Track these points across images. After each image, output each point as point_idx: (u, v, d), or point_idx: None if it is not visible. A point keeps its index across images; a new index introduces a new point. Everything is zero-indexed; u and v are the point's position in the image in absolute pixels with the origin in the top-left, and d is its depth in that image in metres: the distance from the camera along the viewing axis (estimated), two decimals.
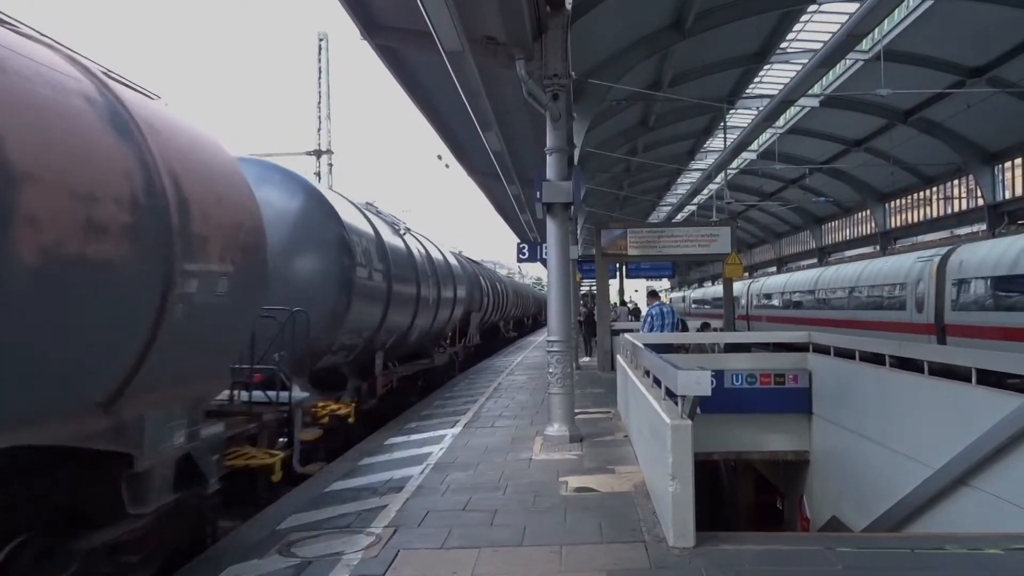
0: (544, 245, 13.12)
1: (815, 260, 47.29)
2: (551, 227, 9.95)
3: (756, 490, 14.92)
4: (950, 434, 7.59)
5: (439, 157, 28.83)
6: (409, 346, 14.25)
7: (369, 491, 7.18)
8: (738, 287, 35.27)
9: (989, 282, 15.68)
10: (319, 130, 44.63)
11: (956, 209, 34.48)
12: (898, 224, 39.89)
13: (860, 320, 22.10)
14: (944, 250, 18.11)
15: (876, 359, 9.63)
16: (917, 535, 7.49)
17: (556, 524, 5.98)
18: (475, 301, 22.31)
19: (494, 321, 29.78)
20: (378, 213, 13.36)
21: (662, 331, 13.79)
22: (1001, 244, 16.25)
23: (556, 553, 5.24)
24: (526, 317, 47.83)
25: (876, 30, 21.43)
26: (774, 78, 26.50)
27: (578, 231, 25.87)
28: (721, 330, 19.14)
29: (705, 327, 18.57)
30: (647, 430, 6.97)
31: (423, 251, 15.07)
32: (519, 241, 20.09)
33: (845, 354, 10.62)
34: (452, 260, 19.09)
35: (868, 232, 42.99)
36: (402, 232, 13.96)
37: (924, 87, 23.86)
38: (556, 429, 9.31)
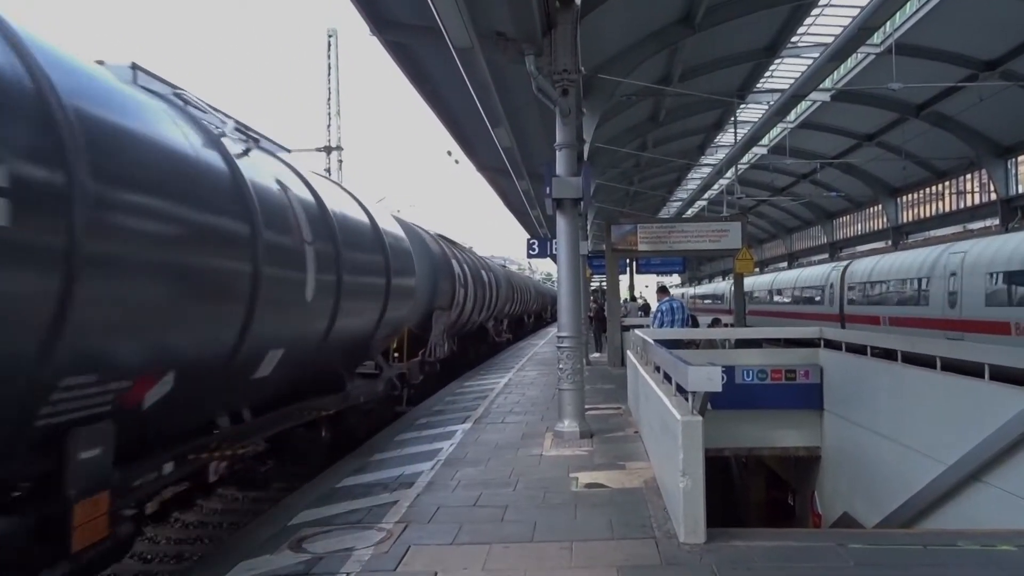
0: (554, 241, 13.13)
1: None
2: (561, 223, 9.93)
3: (767, 486, 14.90)
4: (963, 430, 7.56)
5: (449, 153, 28.88)
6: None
7: (380, 487, 7.20)
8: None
9: (867, 286, 24.19)
10: (328, 126, 44.80)
11: (969, 203, 34.25)
12: (910, 219, 39.65)
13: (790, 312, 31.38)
14: (844, 264, 26.53)
15: (888, 354, 9.59)
16: (929, 531, 7.45)
17: (566, 520, 5.98)
18: (442, 295, 16.70)
19: (479, 321, 23.19)
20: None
21: (672, 327, 13.76)
22: (871, 261, 25.07)
23: (566, 549, 5.24)
24: (526, 315, 40.21)
25: (887, 23, 21.27)
26: (785, 72, 26.37)
27: (588, 227, 25.86)
28: (732, 326, 19.10)
29: (716, 323, 18.52)
30: (658, 426, 6.96)
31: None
32: (529, 237, 20.07)
33: (856, 349, 10.58)
34: (387, 226, 10.89)
35: (880, 227, 42.76)
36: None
37: (936, 81, 23.71)
38: (567, 425, 9.31)
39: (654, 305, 17.98)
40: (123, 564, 7.78)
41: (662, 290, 15.75)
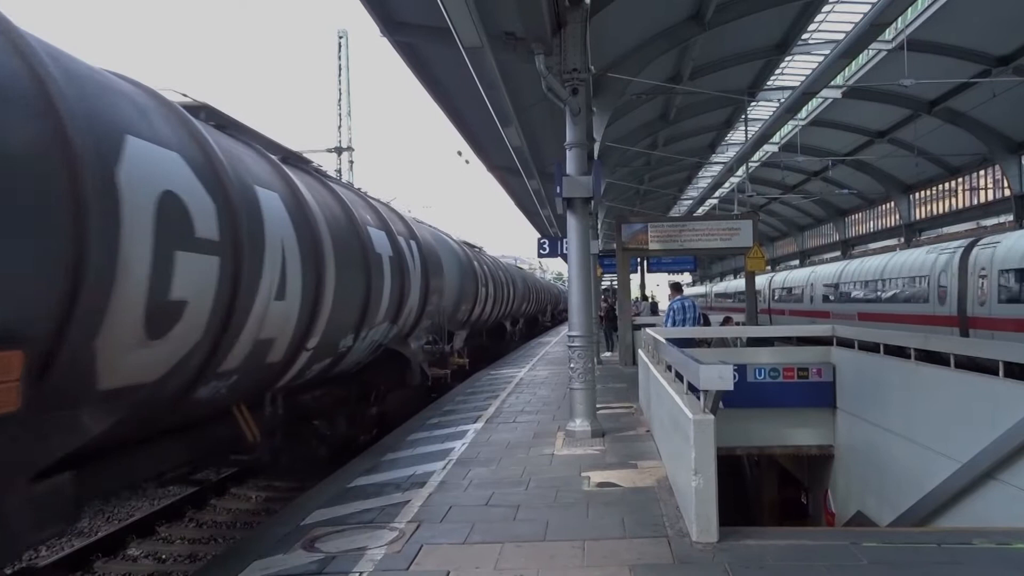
0: (565, 240, 13.11)
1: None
2: (571, 222, 9.92)
3: (780, 485, 14.84)
4: (977, 428, 7.52)
5: (459, 153, 29.05)
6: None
7: (392, 486, 7.21)
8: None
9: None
10: (339, 127, 44.88)
11: (982, 200, 34.02)
12: (923, 216, 39.42)
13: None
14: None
15: (901, 352, 9.54)
16: (944, 529, 7.41)
17: (579, 519, 5.98)
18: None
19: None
20: None
21: (685, 325, 13.73)
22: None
23: (579, 548, 5.24)
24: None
25: (899, 19, 21.17)
26: (796, 70, 26.26)
27: (599, 226, 25.83)
28: (743, 324, 19.03)
29: (727, 321, 18.46)
30: (669, 425, 6.95)
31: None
32: (540, 236, 20.09)
33: (869, 347, 10.53)
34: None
35: (893, 224, 42.53)
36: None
37: (949, 77, 23.56)
38: (578, 424, 9.30)
39: (663, 303, 18.02)
40: (138, 564, 7.85)
41: (675, 287, 15.71)
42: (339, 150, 44.53)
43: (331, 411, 9.42)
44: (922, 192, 39.11)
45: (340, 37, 46.74)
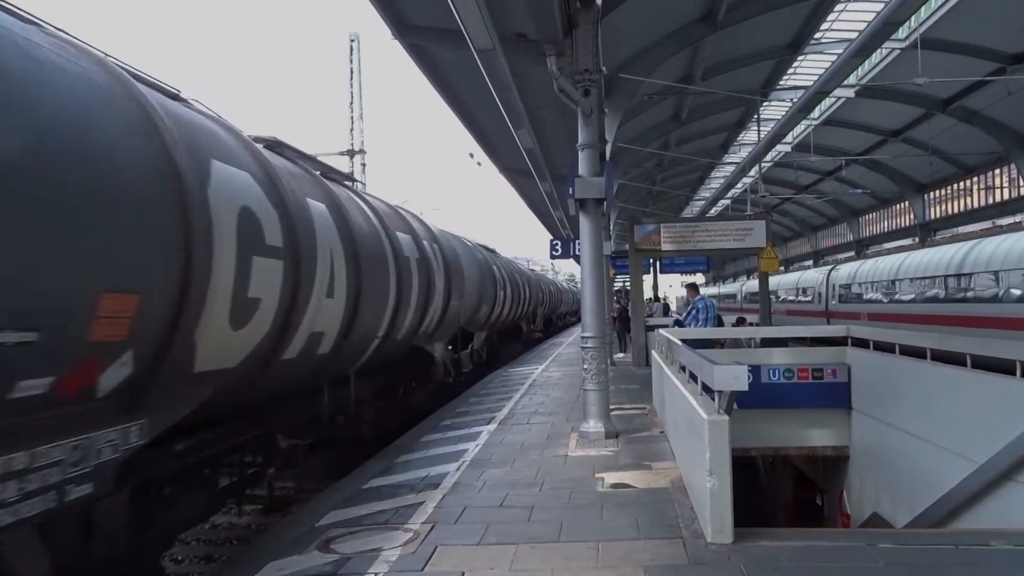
0: (577, 241, 13.10)
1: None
2: (584, 223, 9.92)
3: (794, 486, 14.78)
4: (994, 428, 7.46)
5: (471, 155, 29.00)
6: None
7: (406, 488, 7.23)
8: None
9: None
10: (351, 130, 45.04)
11: (998, 199, 33.76)
12: (938, 215, 39.17)
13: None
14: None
15: (917, 353, 9.48)
16: (961, 531, 7.36)
17: (593, 520, 5.97)
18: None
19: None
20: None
21: (707, 324, 13.71)
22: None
23: (593, 549, 5.24)
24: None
25: (913, 17, 21.04)
26: (808, 69, 26.15)
27: (611, 227, 25.80)
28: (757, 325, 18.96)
29: (741, 322, 18.41)
30: (684, 426, 6.93)
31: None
32: (552, 238, 20.07)
33: (885, 348, 10.47)
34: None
35: (907, 224, 42.28)
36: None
37: (963, 75, 23.39)
38: (592, 425, 9.29)
39: (673, 304, 18.04)
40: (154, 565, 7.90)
41: (694, 288, 15.77)
42: (351, 153, 44.74)
43: (368, 403, 10.32)
44: (937, 191, 38.85)
45: (352, 41, 47.05)
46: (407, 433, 10.62)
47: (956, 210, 37.46)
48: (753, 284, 57.10)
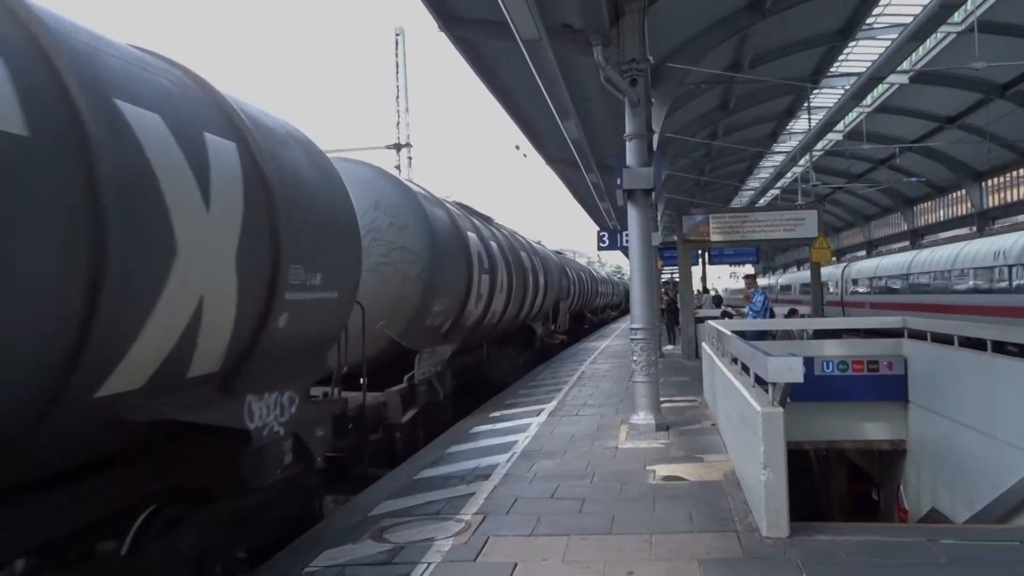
0: (624, 232, 13.00)
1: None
2: (632, 214, 9.85)
3: (849, 480, 14.51)
4: None
5: (517, 147, 29.06)
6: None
7: (457, 479, 7.27)
8: None
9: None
10: (398, 124, 45.33)
11: None
12: (996, 203, 38.00)
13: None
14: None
15: (977, 344, 9.22)
16: None
17: (645, 512, 5.94)
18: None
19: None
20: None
21: (765, 315, 13.55)
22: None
23: (646, 541, 5.21)
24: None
25: (969, 0, 20.40)
26: (860, 55, 25.50)
27: (659, 218, 25.57)
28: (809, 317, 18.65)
29: (793, 313, 18.12)
30: (736, 418, 6.85)
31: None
32: (599, 229, 19.94)
33: (943, 339, 10.20)
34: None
35: (964, 212, 41.12)
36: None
37: (1021, 59, 22.60)
38: (642, 417, 9.24)
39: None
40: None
41: (752, 278, 15.76)
42: (398, 147, 44.99)
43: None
44: (995, 179, 37.69)
45: (397, 35, 47.25)
46: (455, 425, 10.68)
47: (1015, 198, 36.30)
48: (800, 276, 56.52)
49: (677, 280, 25.88)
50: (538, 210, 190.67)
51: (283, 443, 5.38)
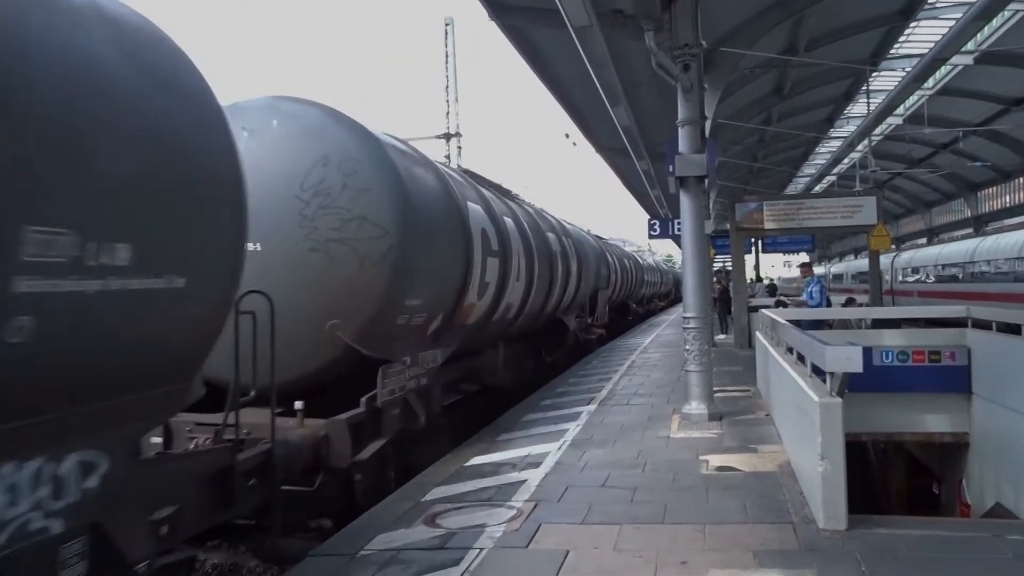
0: (676, 221, 12.84)
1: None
2: (684, 201, 9.73)
3: (908, 474, 14.17)
4: None
5: (566, 135, 28.83)
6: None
7: (508, 466, 7.29)
8: None
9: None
10: (447, 114, 45.47)
11: None
12: None
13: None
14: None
15: None
16: None
17: (698, 503, 5.87)
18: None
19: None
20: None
21: (821, 304, 13.31)
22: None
23: (699, 531, 5.15)
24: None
25: None
26: (922, 36, 24.72)
27: (711, 205, 25.23)
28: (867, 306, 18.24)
29: (850, 302, 17.74)
30: (792, 409, 6.72)
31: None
32: (650, 218, 19.76)
33: (1010, 329, 9.87)
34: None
35: None
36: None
37: None
38: (694, 407, 9.15)
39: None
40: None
41: (808, 266, 15.56)
42: (447, 136, 45.16)
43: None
44: None
45: (447, 25, 47.41)
46: (506, 413, 10.68)
47: None
48: (854, 264, 55.14)
49: (729, 269, 25.50)
50: (588, 199, 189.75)
51: (49, 550, 3.28)
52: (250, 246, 4.90)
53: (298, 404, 6.14)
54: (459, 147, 45.78)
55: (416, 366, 7.84)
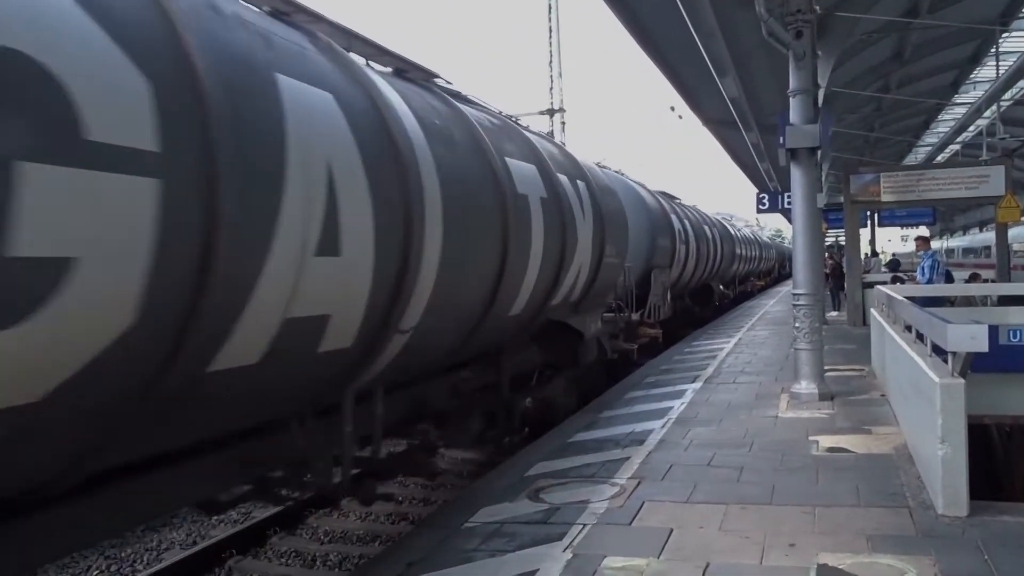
0: (786, 194, 12.44)
1: None
2: (796, 174, 9.40)
3: None
4: None
5: (672, 108, 28.29)
6: None
7: (611, 443, 7.29)
8: None
9: None
10: (551, 89, 45.18)
11: None
12: None
13: None
14: None
15: None
16: None
17: (807, 484, 5.73)
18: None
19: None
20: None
21: (929, 281, 12.68)
22: None
23: (809, 514, 5.03)
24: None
25: None
26: None
27: (823, 178, 24.30)
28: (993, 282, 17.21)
29: (974, 278, 16.79)
30: (909, 389, 6.45)
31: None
32: (758, 192, 19.22)
33: None
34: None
35: None
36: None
37: None
38: (804, 386, 8.89)
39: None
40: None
41: (925, 240, 14.86)
42: (551, 112, 44.92)
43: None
44: None
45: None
46: (610, 389, 10.67)
47: None
48: (974, 239, 51.20)
49: (842, 243, 24.51)
50: (694, 173, 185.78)
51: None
52: None
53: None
54: (563, 123, 45.45)
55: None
